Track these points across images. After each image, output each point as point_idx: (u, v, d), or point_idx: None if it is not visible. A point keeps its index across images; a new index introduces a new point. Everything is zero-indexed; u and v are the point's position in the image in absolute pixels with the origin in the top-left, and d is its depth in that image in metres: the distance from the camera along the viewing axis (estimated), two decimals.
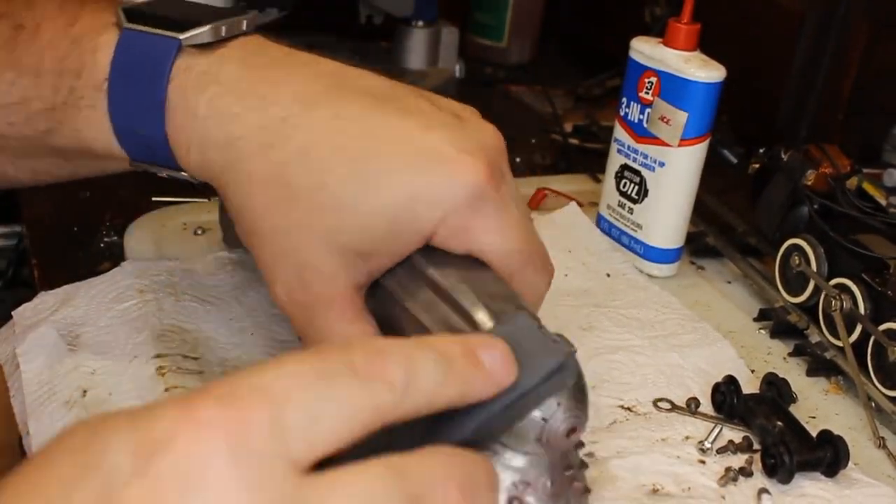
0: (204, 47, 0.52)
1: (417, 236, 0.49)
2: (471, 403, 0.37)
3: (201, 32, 0.52)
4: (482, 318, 0.45)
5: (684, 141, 0.74)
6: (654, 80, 0.75)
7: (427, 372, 0.34)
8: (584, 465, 0.47)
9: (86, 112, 0.53)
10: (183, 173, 0.54)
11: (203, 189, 0.83)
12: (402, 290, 0.50)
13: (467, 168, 0.48)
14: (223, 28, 0.53)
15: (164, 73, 0.51)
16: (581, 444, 0.46)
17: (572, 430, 0.43)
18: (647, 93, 0.75)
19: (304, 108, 0.50)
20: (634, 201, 0.78)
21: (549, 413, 0.42)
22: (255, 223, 0.50)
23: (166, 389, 0.57)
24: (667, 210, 0.76)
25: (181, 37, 0.52)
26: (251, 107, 0.50)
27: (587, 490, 0.47)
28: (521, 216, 0.51)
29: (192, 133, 0.52)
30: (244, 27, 0.54)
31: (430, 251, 0.50)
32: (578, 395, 0.43)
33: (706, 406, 0.62)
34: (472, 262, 0.50)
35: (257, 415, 0.31)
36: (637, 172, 0.77)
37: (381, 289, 0.51)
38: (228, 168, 0.51)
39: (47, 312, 0.63)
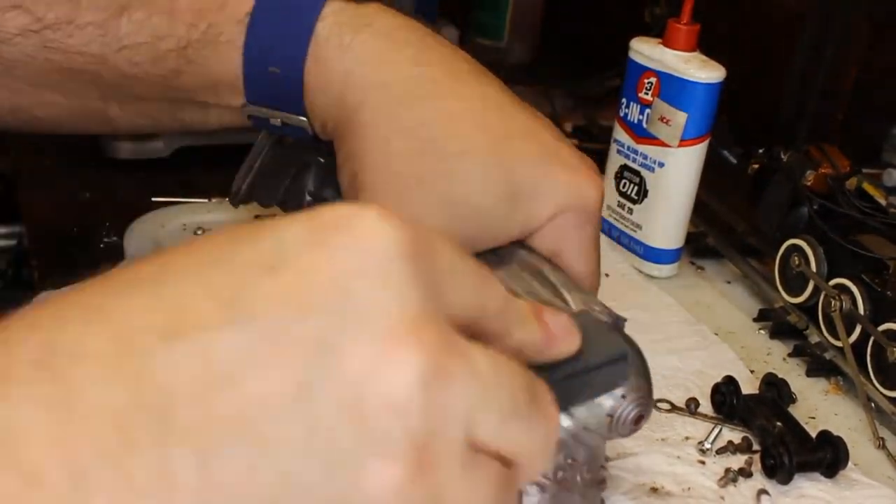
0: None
1: (523, 226, 0.52)
2: (533, 363, 0.37)
3: None
4: (571, 298, 0.48)
5: (684, 141, 0.74)
6: (653, 80, 0.75)
7: (513, 317, 0.35)
8: (607, 459, 0.49)
9: (222, 48, 0.54)
10: (301, 118, 0.55)
11: (203, 189, 0.83)
12: (493, 255, 0.52)
13: (590, 182, 0.52)
14: None
15: (316, 9, 0.53)
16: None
17: (640, 418, 0.44)
18: (646, 93, 0.75)
19: (454, 80, 0.53)
20: (634, 202, 0.78)
21: (619, 399, 0.43)
22: (375, 165, 0.51)
23: None
24: (666, 210, 0.76)
25: None
26: (406, 59, 0.52)
27: (604, 482, 0.48)
28: (598, 252, 0.55)
29: (335, 70, 0.52)
30: None
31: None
32: (647, 387, 0.44)
33: (706, 406, 0.62)
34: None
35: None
36: (637, 173, 0.77)
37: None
38: (367, 108, 0.52)
39: None
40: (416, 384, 0.28)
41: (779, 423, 0.59)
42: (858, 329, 0.66)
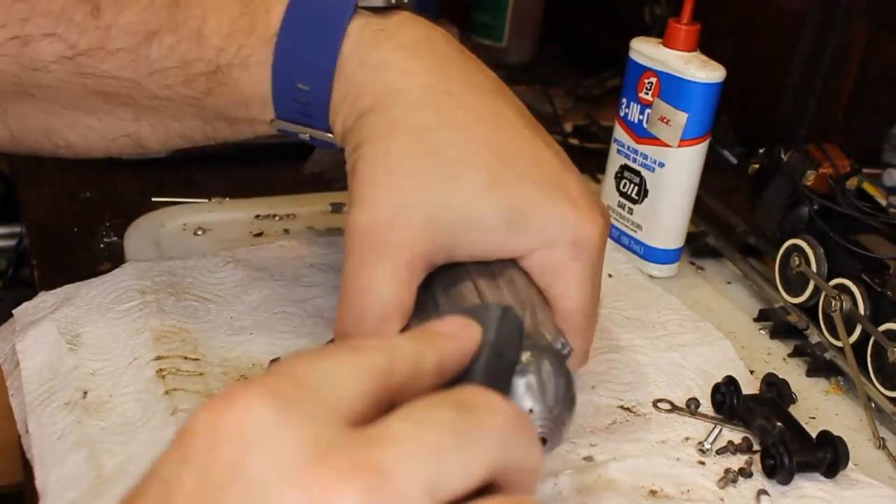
0: (377, 11, 0.54)
1: (513, 246, 0.51)
2: (461, 369, 0.38)
3: None
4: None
5: (684, 141, 0.74)
6: (653, 80, 0.75)
7: (404, 351, 0.36)
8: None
9: (252, 69, 0.54)
10: (328, 134, 0.56)
11: (204, 189, 0.83)
12: (486, 268, 0.52)
13: (589, 219, 0.52)
14: None
15: (341, 28, 0.53)
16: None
17: (543, 441, 0.45)
18: (646, 93, 0.75)
19: (469, 94, 0.53)
20: (634, 202, 0.78)
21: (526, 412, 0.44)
22: (377, 159, 0.51)
23: (166, 392, 0.57)
24: (667, 210, 0.76)
25: None
26: (422, 70, 0.53)
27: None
28: (598, 292, 0.54)
29: (354, 82, 0.53)
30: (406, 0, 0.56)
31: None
32: (555, 408, 0.45)
33: (706, 407, 0.62)
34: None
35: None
36: (637, 173, 0.77)
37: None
38: (377, 108, 0.52)
39: (48, 311, 0.63)
40: None
41: (779, 424, 0.59)
42: (858, 329, 0.66)
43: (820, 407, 0.65)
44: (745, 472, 0.57)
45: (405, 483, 0.29)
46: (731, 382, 0.62)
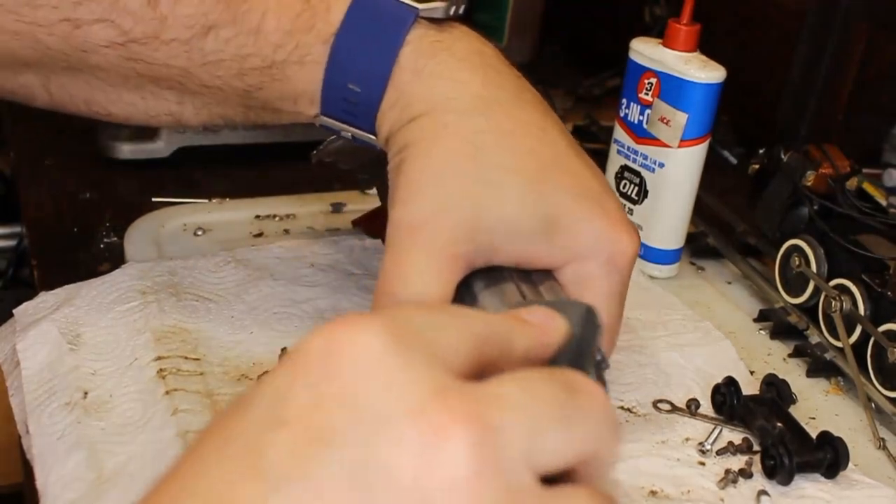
0: (435, 22, 0.55)
1: (548, 256, 0.52)
2: (545, 360, 0.38)
3: (438, 7, 0.55)
4: None
5: (684, 142, 0.74)
6: (653, 80, 0.75)
7: (499, 328, 0.36)
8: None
9: (307, 66, 0.54)
10: (371, 136, 0.56)
11: (204, 189, 0.83)
12: (516, 273, 0.52)
13: (626, 237, 0.53)
14: (453, 8, 0.55)
15: (401, 36, 0.54)
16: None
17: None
18: (646, 94, 0.75)
19: (516, 105, 0.54)
20: (634, 202, 0.77)
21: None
22: (422, 159, 0.52)
23: (167, 392, 0.57)
24: (667, 211, 0.76)
25: (419, 7, 0.54)
26: (476, 80, 0.53)
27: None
28: (622, 309, 0.55)
29: (407, 89, 0.53)
30: (461, 10, 0.57)
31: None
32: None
33: (706, 407, 0.62)
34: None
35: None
36: (637, 173, 0.77)
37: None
38: (427, 114, 0.52)
39: (48, 311, 0.63)
40: (470, 456, 0.29)
41: (779, 424, 0.59)
42: (859, 329, 0.66)
43: (820, 407, 0.65)
44: (745, 473, 0.57)
45: (509, 444, 0.30)
46: (731, 383, 0.62)
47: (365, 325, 0.31)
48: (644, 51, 0.75)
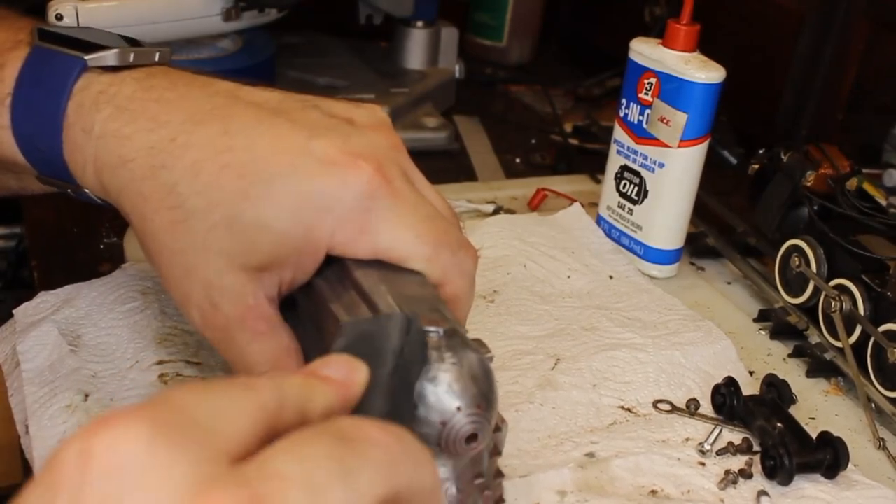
0: (108, 70, 0.52)
1: (313, 246, 0.48)
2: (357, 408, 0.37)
3: (107, 55, 0.52)
4: (380, 301, 0.45)
5: (684, 142, 0.74)
6: (653, 81, 0.75)
7: (294, 394, 0.34)
8: (500, 475, 0.47)
9: (2, 132, 0.53)
10: (91, 194, 0.53)
11: None
12: (330, 290, 0.48)
13: (353, 171, 0.47)
14: (131, 55, 0.53)
15: (66, 90, 0.51)
16: (497, 453, 0.46)
17: (472, 437, 0.42)
18: (646, 94, 0.75)
19: (193, 126, 0.49)
20: (634, 202, 0.78)
21: (448, 417, 0.42)
22: (156, 245, 0.49)
23: None
24: (666, 211, 0.76)
25: (86, 57, 0.52)
26: (142, 128, 0.49)
27: (501, 501, 0.47)
28: (423, 205, 0.49)
29: (86, 153, 0.51)
30: (156, 58, 0.54)
31: None
32: (482, 402, 0.42)
33: (706, 407, 0.62)
34: (397, 267, 0.49)
35: None
36: (637, 173, 0.77)
37: (312, 288, 0.50)
38: (123, 190, 0.50)
39: (49, 311, 0.63)
40: None
41: (779, 424, 0.59)
42: (858, 330, 0.66)
43: (820, 408, 0.65)
44: (745, 473, 0.57)
45: None
46: (731, 383, 0.62)
47: (126, 425, 0.29)
48: (644, 51, 0.75)
